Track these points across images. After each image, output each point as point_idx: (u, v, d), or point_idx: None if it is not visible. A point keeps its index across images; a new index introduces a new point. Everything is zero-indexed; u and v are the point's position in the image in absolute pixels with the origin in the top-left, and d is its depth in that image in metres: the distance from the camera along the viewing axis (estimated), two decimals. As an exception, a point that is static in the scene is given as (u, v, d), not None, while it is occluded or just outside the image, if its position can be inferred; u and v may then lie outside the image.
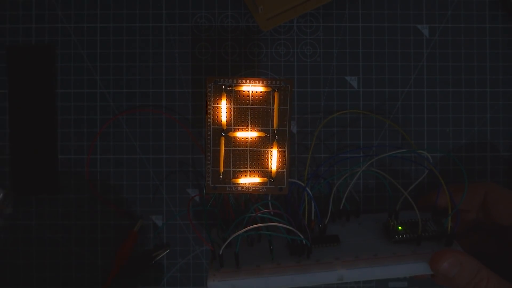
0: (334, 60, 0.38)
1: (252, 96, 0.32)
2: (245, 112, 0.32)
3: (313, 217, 0.34)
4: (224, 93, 0.32)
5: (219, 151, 0.32)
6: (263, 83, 0.32)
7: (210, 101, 0.32)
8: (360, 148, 0.38)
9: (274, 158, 0.32)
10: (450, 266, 0.29)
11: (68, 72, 0.37)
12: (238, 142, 0.32)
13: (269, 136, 0.32)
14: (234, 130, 0.32)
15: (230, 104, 0.32)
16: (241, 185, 0.32)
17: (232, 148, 0.32)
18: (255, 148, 0.32)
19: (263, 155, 0.32)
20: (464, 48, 0.38)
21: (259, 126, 0.32)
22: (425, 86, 0.38)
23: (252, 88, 0.32)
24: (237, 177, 0.32)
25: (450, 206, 0.32)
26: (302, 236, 0.31)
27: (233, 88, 0.32)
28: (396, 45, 0.38)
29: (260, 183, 0.32)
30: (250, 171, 0.32)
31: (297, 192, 0.37)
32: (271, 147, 0.32)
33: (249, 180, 0.32)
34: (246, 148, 0.32)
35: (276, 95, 0.32)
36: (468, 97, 0.38)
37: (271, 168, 0.32)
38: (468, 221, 0.35)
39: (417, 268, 0.31)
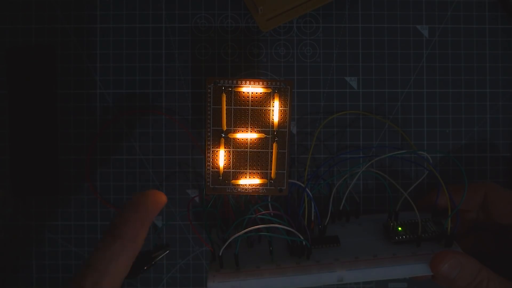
0: (334, 60, 0.38)
1: (252, 97, 0.32)
2: (245, 113, 0.32)
3: (313, 218, 0.34)
4: (224, 94, 0.32)
5: (218, 152, 0.32)
6: (263, 84, 0.32)
7: (210, 102, 0.32)
8: (360, 149, 0.38)
9: (274, 159, 0.32)
10: (450, 267, 0.29)
11: (67, 72, 0.37)
12: (238, 143, 0.32)
13: (269, 137, 0.32)
14: (234, 131, 0.32)
15: (230, 105, 0.32)
16: (241, 186, 0.32)
17: (232, 149, 0.32)
18: (255, 149, 0.32)
19: (263, 156, 0.32)
20: (464, 49, 0.38)
21: (259, 127, 0.32)
22: (425, 86, 0.38)
23: (252, 89, 0.32)
24: (237, 178, 0.32)
25: (450, 207, 0.32)
26: (302, 237, 0.31)
27: (233, 89, 0.32)
28: (396, 46, 0.38)
29: (260, 184, 0.32)
30: (250, 172, 0.32)
31: (297, 193, 0.37)
32: (271, 148, 0.32)
33: (249, 181, 0.32)
34: (246, 149, 0.32)
35: (276, 96, 0.32)
36: (467, 97, 0.38)
37: (271, 169, 0.32)
38: (468, 221, 0.35)
39: (417, 269, 0.31)
